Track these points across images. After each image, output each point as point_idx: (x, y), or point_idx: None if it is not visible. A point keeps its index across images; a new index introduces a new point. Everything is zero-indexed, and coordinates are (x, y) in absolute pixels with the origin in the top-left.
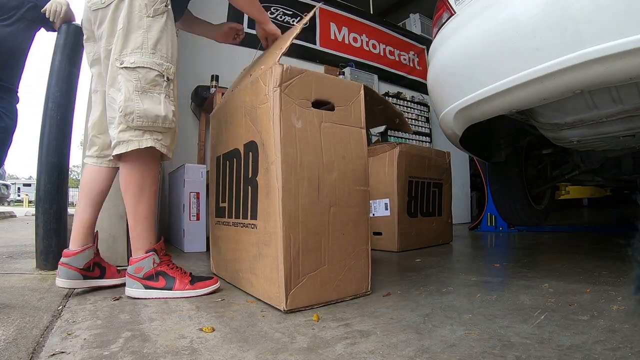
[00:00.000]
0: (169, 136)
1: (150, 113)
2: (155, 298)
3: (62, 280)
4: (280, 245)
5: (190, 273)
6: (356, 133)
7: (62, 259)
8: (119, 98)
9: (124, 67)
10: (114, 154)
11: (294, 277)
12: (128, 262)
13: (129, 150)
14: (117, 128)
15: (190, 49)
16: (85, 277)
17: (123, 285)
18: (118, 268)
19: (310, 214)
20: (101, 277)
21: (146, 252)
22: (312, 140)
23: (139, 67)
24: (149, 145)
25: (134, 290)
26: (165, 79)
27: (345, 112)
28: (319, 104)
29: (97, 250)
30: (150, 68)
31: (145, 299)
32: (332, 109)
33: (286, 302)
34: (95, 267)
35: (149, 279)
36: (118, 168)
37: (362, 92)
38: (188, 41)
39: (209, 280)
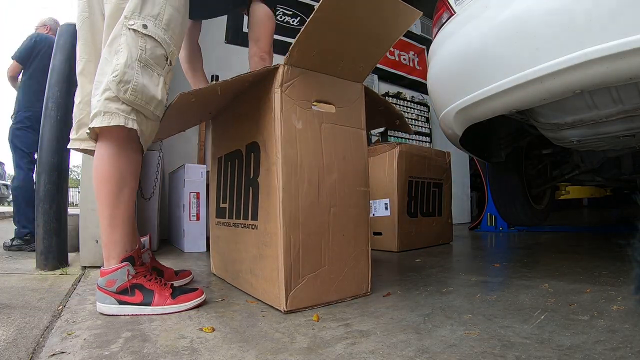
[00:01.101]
0: (150, 125)
1: (148, 91)
2: (132, 315)
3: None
4: (281, 246)
5: (172, 284)
6: (357, 134)
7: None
8: (115, 61)
9: (133, 29)
10: (91, 125)
11: (294, 278)
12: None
13: (111, 124)
14: (103, 94)
15: None
16: None
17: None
18: (176, 270)
19: (311, 214)
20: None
21: (121, 262)
22: (312, 141)
23: (149, 36)
24: (134, 127)
25: (105, 306)
26: (168, 62)
27: (346, 113)
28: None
29: (152, 254)
30: (160, 44)
31: (119, 315)
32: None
33: (286, 302)
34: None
35: (123, 293)
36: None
37: (363, 93)
38: None
39: (192, 293)
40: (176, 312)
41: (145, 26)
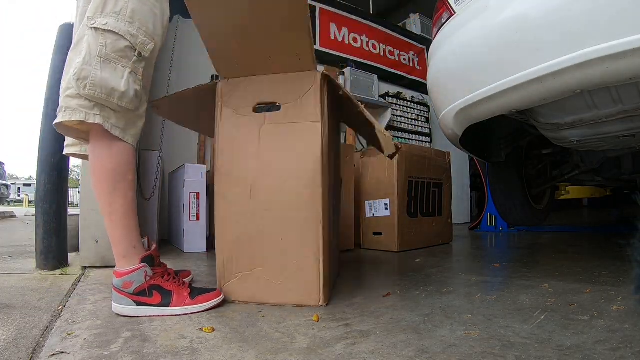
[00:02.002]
0: (123, 118)
1: (107, 84)
2: (150, 316)
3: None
4: (218, 244)
5: (190, 284)
6: (308, 128)
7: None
8: (77, 60)
9: (94, 28)
10: (55, 121)
11: (228, 273)
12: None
13: (72, 119)
14: (65, 92)
15: (189, 49)
16: None
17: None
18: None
19: (242, 218)
20: None
21: (140, 262)
22: (249, 146)
23: (109, 31)
24: (96, 122)
25: (122, 307)
26: (136, 53)
27: (294, 108)
28: (266, 105)
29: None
30: (122, 36)
31: (138, 317)
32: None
33: (228, 292)
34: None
35: (140, 295)
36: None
37: (319, 81)
38: (187, 40)
39: (211, 293)
40: (196, 312)
41: (106, 23)
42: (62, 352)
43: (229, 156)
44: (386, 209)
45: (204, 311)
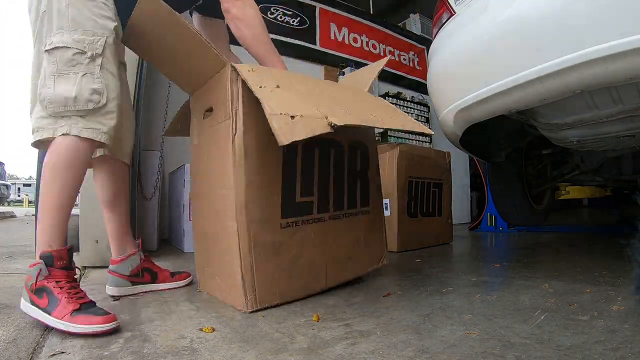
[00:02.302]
0: (91, 118)
1: (59, 97)
2: (36, 319)
3: (110, 288)
4: (194, 239)
5: (89, 301)
6: (223, 129)
7: (110, 267)
8: (39, 84)
9: (46, 51)
10: (31, 142)
11: (199, 268)
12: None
13: (42, 138)
14: (37, 115)
15: None
16: (134, 284)
17: (177, 289)
18: (172, 272)
19: (200, 216)
20: (153, 281)
21: (39, 258)
22: (202, 152)
23: (56, 47)
24: (64, 133)
25: (23, 301)
26: (87, 55)
27: (218, 108)
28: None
29: (146, 255)
30: (67, 47)
31: (30, 317)
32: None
33: (199, 284)
34: (144, 273)
35: (34, 293)
36: (112, 164)
37: (226, 76)
38: None
39: (99, 317)
40: (72, 332)
41: (51, 42)
42: (62, 352)
43: (195, 159)
44: (386, 209)
45: (75, 333)
